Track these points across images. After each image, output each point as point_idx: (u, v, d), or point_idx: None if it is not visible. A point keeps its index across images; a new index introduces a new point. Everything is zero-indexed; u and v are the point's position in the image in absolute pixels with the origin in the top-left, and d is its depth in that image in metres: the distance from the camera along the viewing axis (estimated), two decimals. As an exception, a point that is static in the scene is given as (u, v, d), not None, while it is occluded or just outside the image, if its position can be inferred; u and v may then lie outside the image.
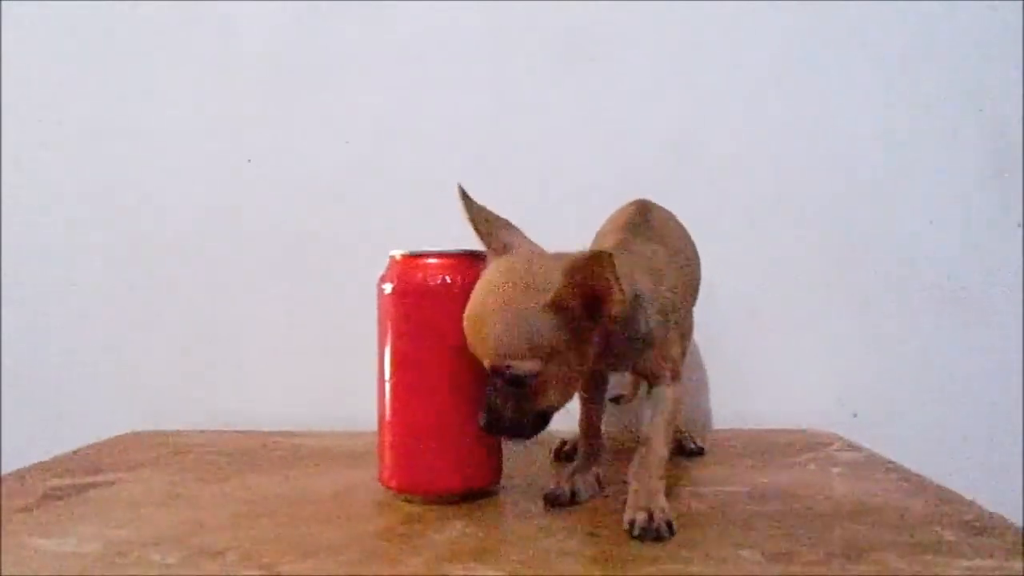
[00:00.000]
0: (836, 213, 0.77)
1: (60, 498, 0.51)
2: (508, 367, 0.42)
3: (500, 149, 0.77)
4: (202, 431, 0.73)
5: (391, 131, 0.77)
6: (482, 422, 0.44)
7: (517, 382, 0.42)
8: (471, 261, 0.49)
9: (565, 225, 0.47)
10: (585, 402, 0.53)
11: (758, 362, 0.77)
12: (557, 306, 0.41)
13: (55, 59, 0.80)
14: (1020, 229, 0.76)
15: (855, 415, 0.76)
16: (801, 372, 0.76)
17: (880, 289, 0.77)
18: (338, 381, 0.75)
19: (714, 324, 0.71)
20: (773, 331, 0.77)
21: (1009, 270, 0.76)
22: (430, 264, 0.48)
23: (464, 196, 0.49)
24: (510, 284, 0.42)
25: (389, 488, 0.49)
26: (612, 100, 0.77)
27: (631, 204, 0.55)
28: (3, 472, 0.57)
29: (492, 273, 0.44)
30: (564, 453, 0.59)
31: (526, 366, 0.42)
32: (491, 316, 0.42)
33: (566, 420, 0.62)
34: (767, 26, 0.77)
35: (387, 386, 0.49)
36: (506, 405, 0.43)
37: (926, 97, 0.77)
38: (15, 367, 0.79)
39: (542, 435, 0.45)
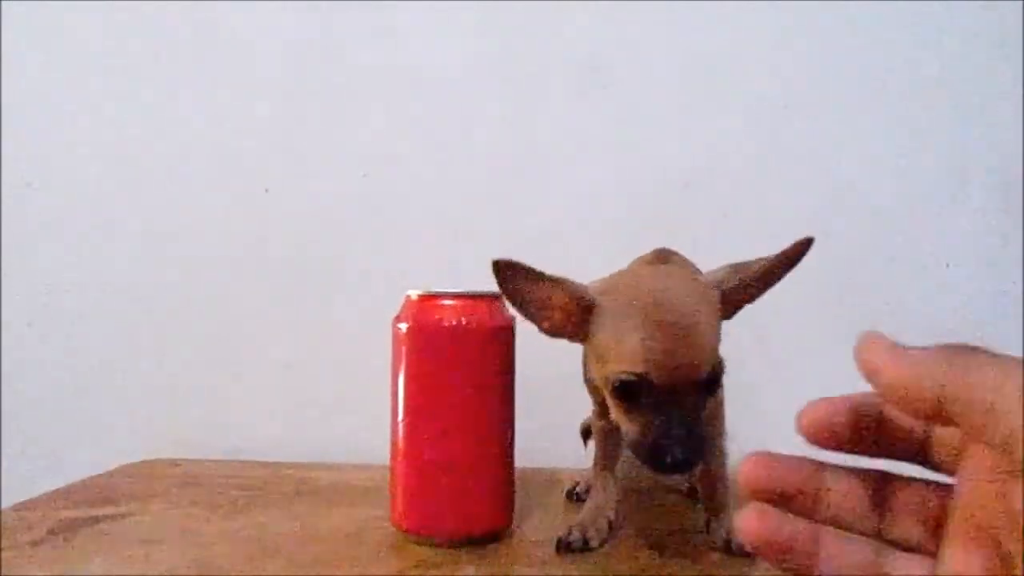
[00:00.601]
0: (849, 244, 0.76)
1: (69, 531, 0.50)
2: (712, 370, 0.39)
3: (516, 181, 0.77)
4: (214, 460, 0.73)
5: (406, 164, 0.78)
6: (681, 455, 0.37)
7: (715, 383, 0.40)
8: (488, 303, 0.49)
9: (582, 256, 0.47)
10: (602, 440, 0.52)
11: (769, 390, 0.76)
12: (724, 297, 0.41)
13: (71, 83, 0.81)
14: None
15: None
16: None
17: (893, 325, 0.76)
18: (352, 411, 0.75)
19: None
20: (783, 362, 0.76)
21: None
22: (446, 306, 0.48)
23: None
24: (689, 283, 0.41)
25: (400, 529, 0.49)
26: (627, 129, 0.77)
27: (653, 252, 0.52)
28: (12, 502, 0.57)
29: (656, 280, 0.42)
30: (576, 494, 0.58)
31: (719, 359, 0.39)
32: (698, 316, 0.39)
33: (578, 459, 0.62)
34: (779, 58, 0.77)
35: (400, 426, 0.48)
36: (696, 424, 0.39)
37: (936, 131, 0.77)
38: (25, 391, 0.80)
39: (556, 474, 0.44)
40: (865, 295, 0.76)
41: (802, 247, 0.42)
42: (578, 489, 0.58)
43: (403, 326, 0.49)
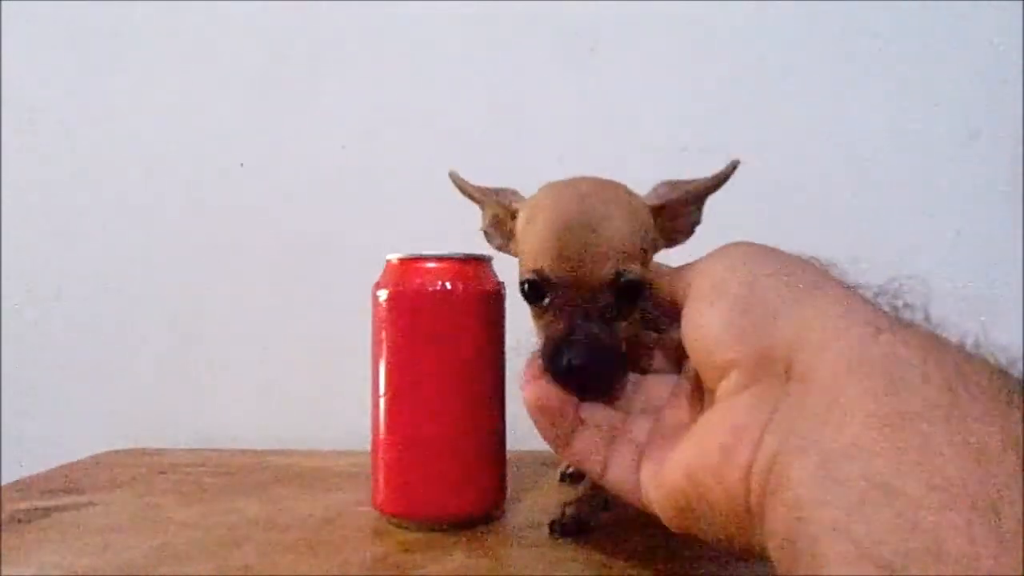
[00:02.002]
0: (848, 217, 0.73)
1: (26, 521, 0.47)
2: (624, 272, 0.35)
3: (499, 150, 0.73)
4: (190, 449, 0.69)
5: (387, 133, 0.74)
6: (577, 359, 0.33)
7: (632, 294, 0.35)
8: (474, 266, 0.45)
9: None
10: None
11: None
12: (658, 211, 0.39)
13: (39, 62, 0.77)
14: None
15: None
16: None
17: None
18: (335, 396, 0.71)
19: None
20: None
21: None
22: (429, 268, 0.44)
23: (457, 180, 0.46)
24: (606, 186, 0.38)
25: (382, 513, 0.45)
26: (615, 98, 0.73)
27: None
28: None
29: (571, 185, 0.38)
30: (570, 474, 0.55)
31: (640, 271, 0.35)
32: (606, 212, 0.35)
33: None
34: (774, 24, 0.73)
35: (381, 401, 0.45)
36: (603, 335, 0.34)
37: (939, 98, 0.73)
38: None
39: (552, 456, 0.41)
40: (870, 269, 0.73)
41: (731, 169, 0.42)
42: (571, 470, 0.55)
43: (382, 293, 0.45)
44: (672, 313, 0.31)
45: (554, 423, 0.33)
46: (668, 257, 0.40)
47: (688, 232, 0.42)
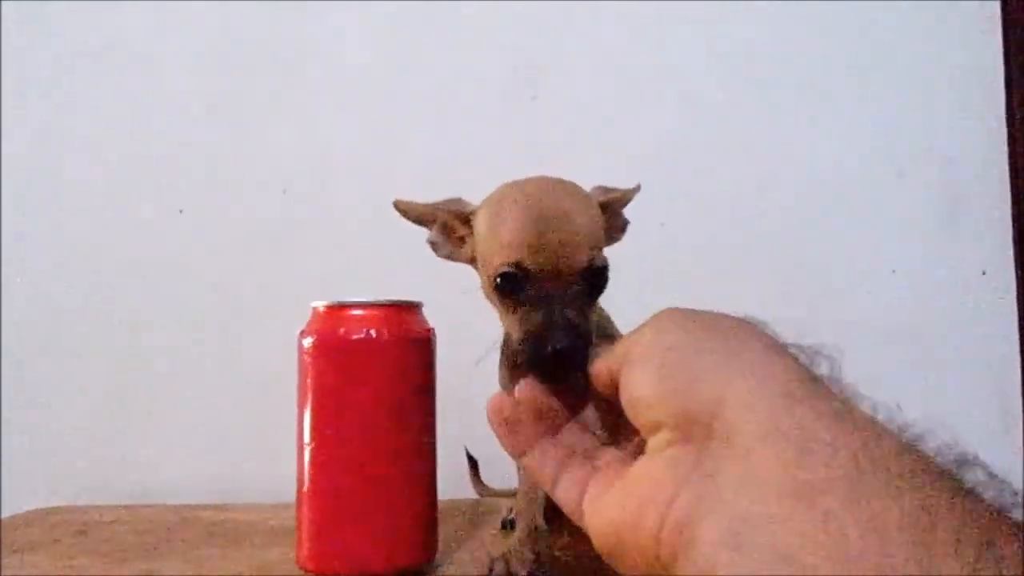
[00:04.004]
0: (795, 252, 0.74)
1: (-71, 590, 0.44)
2: (592, 260, 0.37)
3: (443, 194, 0.73)
4: (120, 505, 0.66)
5: (327, 178, 0.74)
6: (560, 344, 0.34)
7: (599, 281, 0.38)
8: (402, 311, 0.45)
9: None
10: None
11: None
12: (604, 208, 0.41)
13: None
14: (983, 276, 0.74)
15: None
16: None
17: (842, 335, 0.73)
18: (271, 445, 0.68)
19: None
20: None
21: (971, 318, 0.74)
22: (353, 316, 0.43)
23: (401, 205, 0.45)
24: (565, 182, 0.40)
25: (306, 570, 0.43)
26: (559, 137, 0.74)
27: None
28: None
29: (532, 182, 0.40)
30: (511, 521, 0.53)
31: (605, 259, 0.38)
32: (575, 204, 0.38)
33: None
34: (703, 54, 0.75)
35: (306, 452, 0.43)
36: (581, 318, 0.36)
37: (877, 134, 0.75)
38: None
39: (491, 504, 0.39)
40: (806, 301, 0.74)
41: (635, 191, 0.45)
42: (511, 516, 0.53)
43: (307, 341, 0.44)
44: (609, 388, 0.31)
45: (513, 431, 0.33)
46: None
47: (622, 231, 0.45)
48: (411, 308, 0.45)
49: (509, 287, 0.37)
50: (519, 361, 0.36)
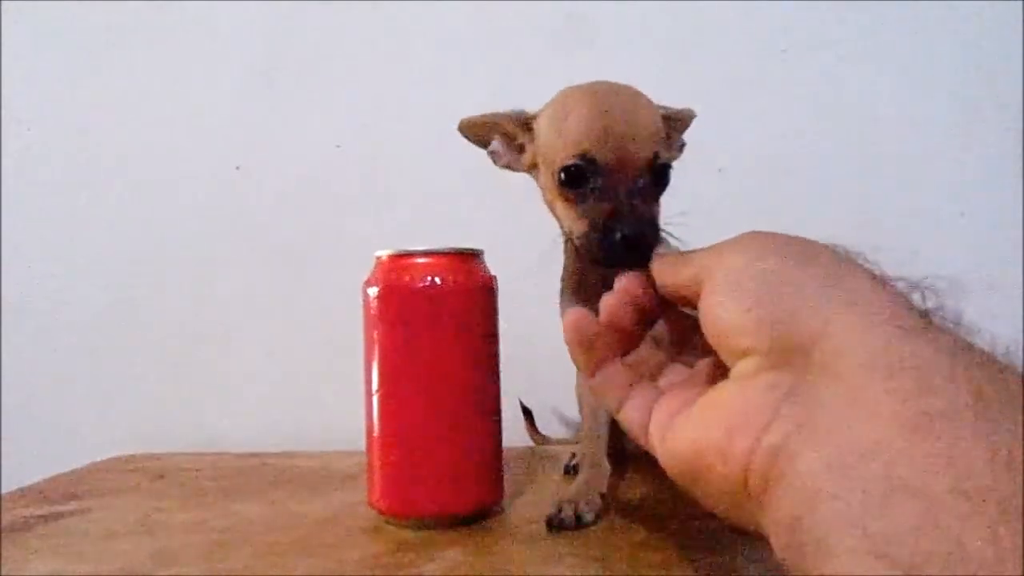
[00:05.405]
0: (858, 201, 0.72)
1: (26, 528, 0.47)
2: (657, 154, 0.38)
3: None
4: (194, 453, 0.69)
5: (381, 131, 0.74)
6: (629, 230, 0.35)
7: (664, 177, 0.39)
8: (464, 260, 0.45)
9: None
10: (591, 408, 0.48)
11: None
12: (664, 120, 0.41)
13: (35, 66, 0.77)
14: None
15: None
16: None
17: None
18: (336, 395, 0.70)
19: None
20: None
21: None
22: (418, 264, 0.44)
23: (464, 123, 0.47)
24: (628, 86, 0.41)
25: (379, 512, 0.45)
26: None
27: None
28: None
29: (597, 84, 0.41)
30: (574, 466, 0.54)
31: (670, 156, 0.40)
32: (640, 102, 0.39)
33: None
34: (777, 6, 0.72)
35: (374, 399, 0.44)
36: (648, 210, 0.37)
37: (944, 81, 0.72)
38: (-1, 391, 0.76)
39: (551, 451, 0.40)
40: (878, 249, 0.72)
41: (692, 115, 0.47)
42: (574, 462, 0.54)
43: (372, 290, 0.44)
44: (677, 300, 0.31)
45: (589, 349, 0.33)
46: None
47: (679, 150, 0.46)
48: (473, 256, 0.46)
49: (575, 180, 0.38)
50: (585, 253, 0.37)
